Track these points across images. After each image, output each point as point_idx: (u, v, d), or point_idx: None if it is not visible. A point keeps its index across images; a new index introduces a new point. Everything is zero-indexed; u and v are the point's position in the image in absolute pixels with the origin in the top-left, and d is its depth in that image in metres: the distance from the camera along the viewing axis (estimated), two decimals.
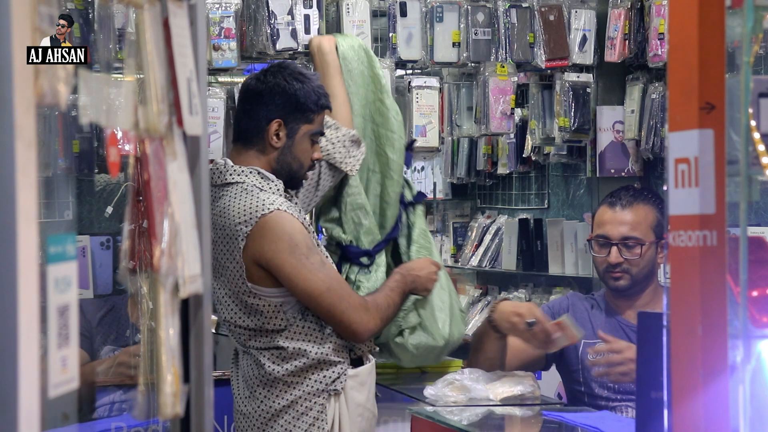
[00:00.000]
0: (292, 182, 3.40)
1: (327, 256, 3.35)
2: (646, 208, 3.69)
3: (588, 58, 5.45)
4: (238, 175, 3.30)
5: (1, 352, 1.28)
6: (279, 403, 3.31)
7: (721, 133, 1.85)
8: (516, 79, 5.32)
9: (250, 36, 4.91)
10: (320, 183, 3.60)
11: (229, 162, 3.34)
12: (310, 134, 3.33)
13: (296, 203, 3.42)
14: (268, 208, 3.21)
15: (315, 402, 3.30)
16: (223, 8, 4.89)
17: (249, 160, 3.33)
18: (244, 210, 3.23)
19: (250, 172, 3.30)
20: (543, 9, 5.37)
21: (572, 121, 5.45)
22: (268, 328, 3.29)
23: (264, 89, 3.32)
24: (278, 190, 3.29)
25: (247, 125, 3.35)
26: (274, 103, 3.30)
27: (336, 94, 3.63)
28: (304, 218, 3.31)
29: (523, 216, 6.95)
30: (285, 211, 3.21)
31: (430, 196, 8.00)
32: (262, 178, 3.30)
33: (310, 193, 3.59)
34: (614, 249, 3.66)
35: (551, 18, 5.38)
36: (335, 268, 3.33)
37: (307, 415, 3.30)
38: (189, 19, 1.84)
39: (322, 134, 3.38)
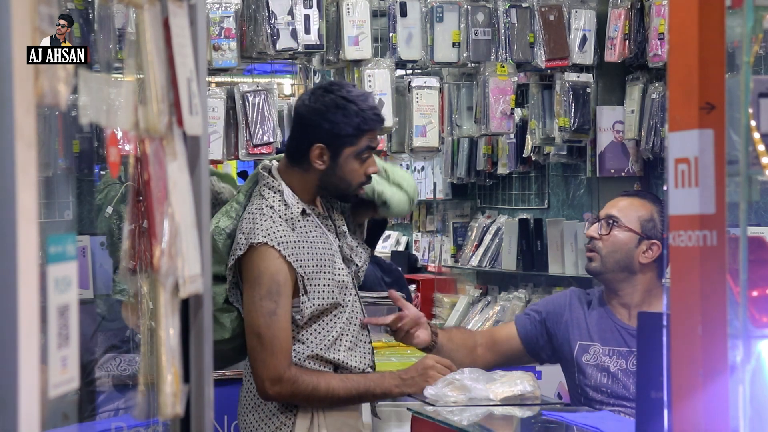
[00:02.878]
0: (343, 198, 3.52)
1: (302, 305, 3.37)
2: (641, 202, 3.70)
3: (588, 58, 5.45)
4: (268, 189, 3.42)
5: (1, 352, 1.28)
6: (257, 399, 3.39)
7: (721, 133, 1.85)
8: (516, 79, 5.32)
9: (250, 36, 4.91)
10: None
11: (274, 169, 3.45)
12: (354, 155, 3.37)
13: (332, 220, 3.51)
14: (260, 240, 3.31)
15: (285, 407, 3.37)
16: (223, 8, 4.89)
17: (292, 174, 3.44)
18: (246, 231, 3.35)
19: (275, 193, 3.39)
20: (543, 9, 5.37)
21: (572, 121, 5.45)
22: None
23: (307, 114, 3.39)
24: (291, 218, 3.35)
25: (293, 146, 3.47)
26: (315, 129, 3.37)
27: None
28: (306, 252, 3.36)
29: (523, 216, 6.95)
30: (273, 247, 3.29)
31: (430, 196, 8.01)
32: (282, 201, 3.39)
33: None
34: (595, 224, 3.69)
35: (551, 18, 5.38)
36: (287, 322, 3.34)
37: (276, 417, 3.37)
38: (189, 19, 1.84)
39: (373, 149, 3.41)
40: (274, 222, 3.33)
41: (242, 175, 8.81)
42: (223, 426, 4.52)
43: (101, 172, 5.01)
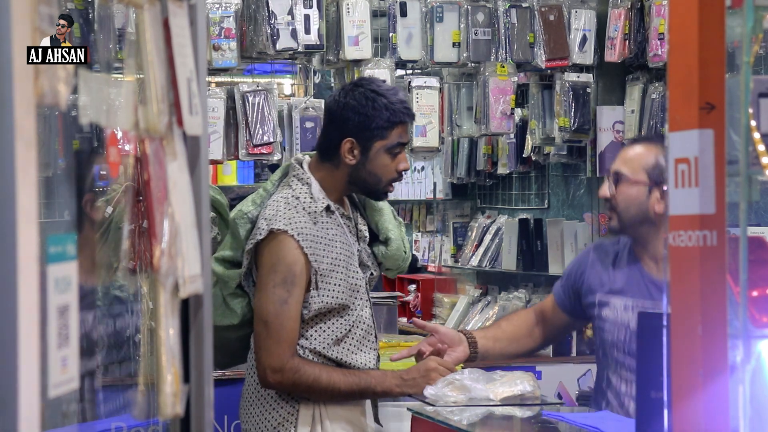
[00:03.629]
0: (372, 195, 3.53)
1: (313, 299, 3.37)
2: (646, 147, 3.56)
3: (588, 58, 5.45)
4: (297, 180, 3.45)
5: (1, 352, 1.28)
6: (259, 392, 3.40)
7: (721, 133, 1.85)
8: (516, 79, 5.32)
9: (250, 36, 4.91)
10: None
11: (306, 163, 3.48)
12: (385, 149, 3.40)
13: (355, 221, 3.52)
14: (281, 228, 3.31)
15: (287, 402, 3.38)
16: (223, 8, 4.89)
17: (322, 170, 3.47)
18: (269, 217, 3.36)
19: (304, 185, 3.42)
20: (543, 9, 5.37)
21: (572, 121, 5.45)
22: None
23: (336, 109, 3.44)
24: (314, 212, 3.36)
25: (324, 142, 3.50)
26: (346, 123, 3.41)
27: None
28: (324, 246, 3.36)
29: (523, 216, 6.95)
30: (293, 237, 3.31)
31: (430, 196, 8.01)
32: (308, 194, 3.41)
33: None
34: (606, 182, 3.59)
35: (551, 18, 5.38)
36: (296, 312, 3.34)
37: (277, 411, 3.39)
38: (189, 19, 1.84)
39: (404, 145, 3.44)
40: (297, 212, 3.35)
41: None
42: (223, 426, 4.52)
43: (101, 172, 5.00)
